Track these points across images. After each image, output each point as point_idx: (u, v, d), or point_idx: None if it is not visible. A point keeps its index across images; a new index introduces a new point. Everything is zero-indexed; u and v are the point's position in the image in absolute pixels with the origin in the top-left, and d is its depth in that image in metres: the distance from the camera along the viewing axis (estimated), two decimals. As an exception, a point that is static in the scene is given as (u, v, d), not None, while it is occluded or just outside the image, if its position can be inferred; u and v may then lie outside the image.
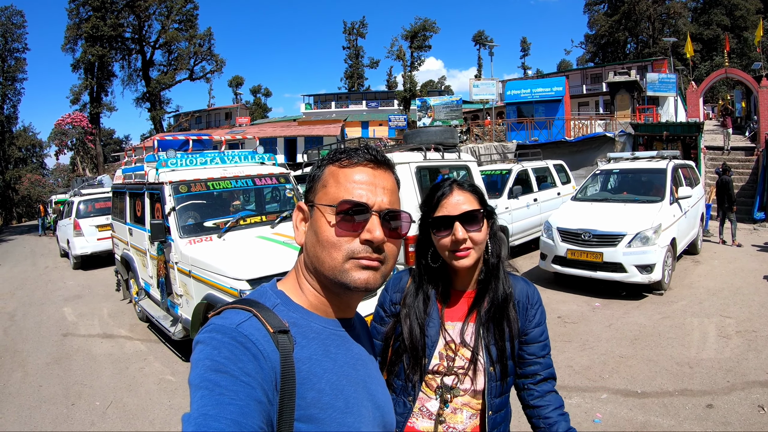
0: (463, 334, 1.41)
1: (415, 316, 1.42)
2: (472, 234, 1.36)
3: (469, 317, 1.43)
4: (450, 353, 1.40)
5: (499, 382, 1.40)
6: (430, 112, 28.79)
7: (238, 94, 64.26)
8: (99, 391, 4.93)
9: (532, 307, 1.47)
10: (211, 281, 4.50)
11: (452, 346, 1.40)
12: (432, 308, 1.44)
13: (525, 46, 67.34)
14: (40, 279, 11.84)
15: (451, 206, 1.39)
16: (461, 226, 1.36)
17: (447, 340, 1.41)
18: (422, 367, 1.39)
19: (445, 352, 1.40)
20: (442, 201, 1.41)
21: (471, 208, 1.38)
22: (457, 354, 1.40)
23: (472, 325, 1.42)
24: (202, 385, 0.75)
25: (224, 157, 6.29)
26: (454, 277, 1.48)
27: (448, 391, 1.38)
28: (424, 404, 1.40)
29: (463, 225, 1.36)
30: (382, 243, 0.93)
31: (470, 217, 1.37)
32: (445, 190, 1.43)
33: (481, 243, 1.39)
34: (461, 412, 1.40)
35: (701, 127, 15.20)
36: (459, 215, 1.37)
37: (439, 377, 1.39)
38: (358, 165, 0.97)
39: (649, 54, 44.51)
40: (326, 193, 0.96)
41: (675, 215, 7.57)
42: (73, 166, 44.19)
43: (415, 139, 7.78)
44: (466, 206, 1.38)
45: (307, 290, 0.98)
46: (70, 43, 38.90)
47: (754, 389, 4.14)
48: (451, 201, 1.40)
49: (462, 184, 1.46)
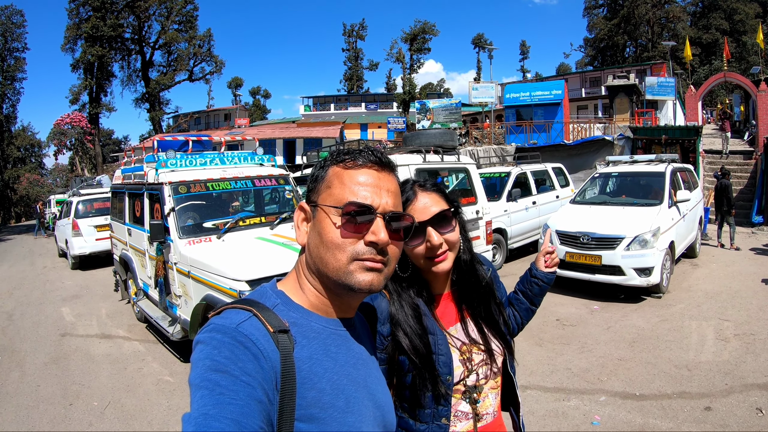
0: (469, 334, 1.37)
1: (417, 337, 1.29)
2: (447, 236, 1.30)
3: (462, 315, 1.40)
4: (466, 356, 1.35)
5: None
6: (429, 115, 28.79)
7: (237, 96, 64.36)
8: (97, 392, 4.92)
9: (494, 273, 1.50)
10: (210, 282, 4.50)
11: (464, 349, 1.35)
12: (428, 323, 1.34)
13: (524, 49, 67.57)
14: (38, 279, 11.82)
15: (419, 211, 1.30)
16: (435, 231, 1.28)
17: (458, 347, 1.35)
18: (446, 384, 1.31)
19: (465, 357, 1.35)
20: (407, 207, 1.31)
21: (440, 209, 1.31)
22: (471, 353, 1.35)
23: (469, 321, 1.39)
24: (202, 385, 0.75)
25: (224, 158, 6.29)
26: (433, 282, 1.40)
27: (474, 390, 1.34)
28: (457, 409, 1.34)
29: (436, 228, 1.29)
30: (387, 245, 0.94)
31: (441, 218, 1.30)
32: (408, 195, 1.34)
33: (456, 242, 1.34)
34: (488, 397, 1.37)
35: (700, 131, 15.23)
36: (430, 219, 1.29)
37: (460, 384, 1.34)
38: (362, 167, 0.97)
39: (648, 58, 44.67)
40: (330, 194, 0.95)
41: (673, 218, 7.59)
42: (71, 166, 44.17)
43: (414, 141, 7.80)
44: (434, 208, 1.31)
45: (307, 290, 0.98)
46: (69, 43, 38.83)
47: (752, 392, 4.15)
48: (418, 206, 1.32)
49: (423, 184, 1.38)
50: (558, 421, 3.86)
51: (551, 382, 4.55)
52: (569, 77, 39.58)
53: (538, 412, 3.99)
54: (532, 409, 4.06)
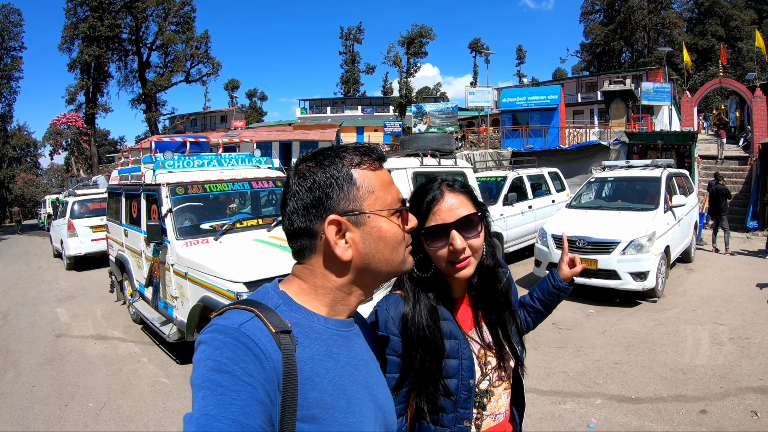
0: (484, 338, 1.36)
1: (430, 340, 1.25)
2: (471, 241, 1.24)
3: (478, 320, 1.37)
4: (482, 360, 1.34)
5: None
6: (426, 119, 28.89)
7: (233, 98, 64.32)
8: (92, 393, 4.90)
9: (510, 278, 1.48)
10: (207, 283, 4.49)
11: (481, 353, 1.34)
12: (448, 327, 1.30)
13: (521, 54, 67.60)
14: (33, 279, 11.76)
15: (445, 212, 1.25)
16: (459, 235, 1.23)
17: (477, 351, 1.33)
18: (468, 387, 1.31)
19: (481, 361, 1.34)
20: (433, 207, 1.26)
21: (467, 212, 1.25)
22: (486, 358, 1.34)
23: (485, 326, 1.37)
24: (204, 386, 0.76)
25: (221, 159, 6.29)
26: (453, 285, 1.35)
27: (484, 395, 1.33)
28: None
29: (460, 232, 1.23)
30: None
31: (467, 222, 1.24)
32: (435, 194, 1.28)
33: (480, 248, 1.28)
34: (501, 398, 1.38)
35: (695, 137, 15.33)
36: (455, 222, 1.23)
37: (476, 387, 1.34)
38: (380, 167, 1.02)
39: (644, 63, 44.83)
40: (377, 198, 0.96)
41: (669, 223, 7.62)
42: (67, 167, 44.02)
43: (412, 145, 7.83)
44: (461, 210, 1.25)
45: (313, 292, 0.97)
46: (66, 42, 38.66)
47: (747, 395, 4.17)
48: (444, 206, 1.26)
49: (452, 184, 1.32)
50: (554, 424, 3.88)
51: (547, 385, 4.57)
52: (565, 82, 39.71)
53: (535, 415, 4.00)
54: (528, 412, 4.02)
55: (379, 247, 0.96)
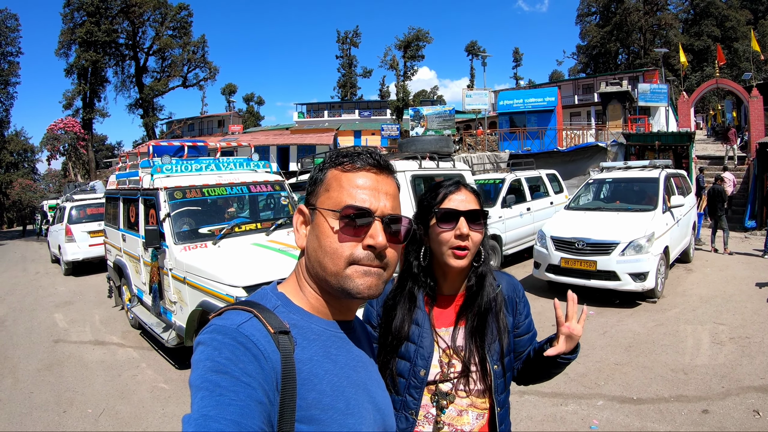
0: (455, 340, 1.42)
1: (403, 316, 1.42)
2: (474, 233, 1.38)
3: (458, 322, 1.43)
4: (447, 360, 1.40)
5: (503, 379, 1.43)
6: (423, 122, 28.92)
7: (230, 102, 64.29)
8: (91, 399, 4.87)
9: (520, 300, 1.54)
10: (206, 288, 4.47)
11: (448, 352, 1.41)
12: (419, 315, 1.43)
13: (517, 56, 67.82)
14: (30, 284, 11.73)
15: (458, 202, 1.41)
16: (466, 222, 1.38)
17: (443, 348, 1.41)
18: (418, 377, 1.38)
19: (445, 360, 1.40)
20: (449, 195, 1.43)
21: (476, 208, 1.41)
22: (452, 360, 1.40)
23: (462, 329, 1.42)
24: (202, 386, 0.75)
25: (219, 163, 6.28)
26: (442, 282, 1.48)
27: (444, 397, 1.38)
28: (428, 411, 1.39)
29: (467, 222, 1.38)
30: (384, 248, 0.93)
31: (474, 215, 1.39)
32: (452, 188, 1.45)
33: (478, 244, 1.41)
34: (467, 414, 1.39)
35: (692, 137, 15.36)
36: (465, 211, 1.39)
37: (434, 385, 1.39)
38: (361, 170, 0.97)
39: (641, 65, 45.03)
40: (329, 197, 0.95)
41: (668, 224, 7.63)
42: (64, 172, 43.86)
43: (410, 147, 7.83)
44: (471, 205, 1.41)
45: (307, 292, 0.98)
46: (63, 47, 38.60)
47: (748, 394, 4.16)
48: (457, 197, 1.42)
49: (466, 185, 1.48)
50: (556, 426, 3.86)
51: (548, 387, 4.55)
52: (562, 84, 39.83)
53: (536, 417, 3.99)
54: (530, 414, 4.06)
55: (315, 247, 0.96)
